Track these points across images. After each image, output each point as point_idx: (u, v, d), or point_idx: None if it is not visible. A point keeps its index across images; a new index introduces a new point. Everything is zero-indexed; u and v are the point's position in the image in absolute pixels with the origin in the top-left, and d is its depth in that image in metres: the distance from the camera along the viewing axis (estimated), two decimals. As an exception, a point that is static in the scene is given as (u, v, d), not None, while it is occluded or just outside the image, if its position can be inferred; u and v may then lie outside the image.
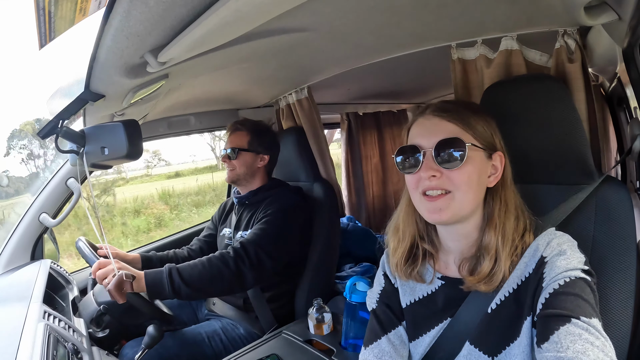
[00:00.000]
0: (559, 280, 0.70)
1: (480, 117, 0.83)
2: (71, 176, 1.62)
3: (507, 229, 0.80)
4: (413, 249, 0.92)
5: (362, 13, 1.06)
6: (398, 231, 0.94)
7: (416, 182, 0.82)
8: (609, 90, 1.80)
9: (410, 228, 0.92)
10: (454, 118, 0.80)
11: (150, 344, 1.20)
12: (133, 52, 0.84)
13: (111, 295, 1.19)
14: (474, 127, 0.81)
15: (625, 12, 0.83)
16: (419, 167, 0.80)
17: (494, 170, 0.83)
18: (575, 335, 0.62)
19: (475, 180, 0.79)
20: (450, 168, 0.78)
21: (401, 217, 0.94)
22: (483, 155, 0.81)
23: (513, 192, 0.85)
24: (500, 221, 0.80)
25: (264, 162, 1.74)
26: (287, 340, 1.43)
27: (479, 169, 0.80)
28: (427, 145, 0.80)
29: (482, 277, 0.79)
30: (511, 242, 0.79)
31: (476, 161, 0.79)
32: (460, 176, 0.78)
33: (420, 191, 0.81)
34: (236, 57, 1.24)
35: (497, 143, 0.84)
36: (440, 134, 0.79)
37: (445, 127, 0.80)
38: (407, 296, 0.95)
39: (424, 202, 0.81)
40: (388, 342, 0.93)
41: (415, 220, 0.92)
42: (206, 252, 1.85)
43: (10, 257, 1.56)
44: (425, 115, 0.84)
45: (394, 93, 2.78)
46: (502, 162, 0.83)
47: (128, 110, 1.35)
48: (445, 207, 0.78)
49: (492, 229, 0.80)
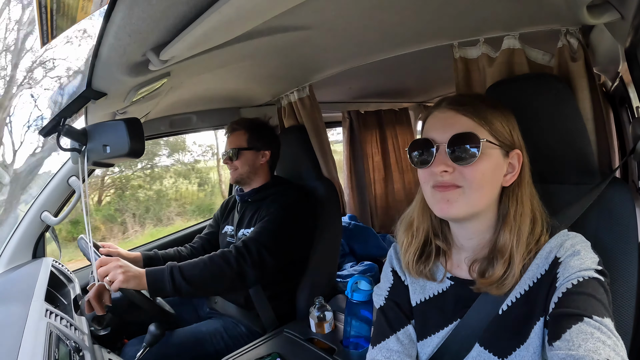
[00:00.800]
0: (572, 280, 0.70)
1: (499, 112, 0.80)
2: (73, 174, 1.62)
3: (523, 231, 0.78)
4: (426, 246, 0.90)
5: (364, 11, 1.06)
6: (412, 226, 0.92)
7: (427, 176, 0.80)
8: (611, 89, 1.80)
9: (425, 224, 0.90)
10: (470, 112, 0.78)
11: (151, 342, 1.20)
12: (135, 49, 0.84)
13: (92, 304, 1.19)
14: (491, 122, 0.78)
15: (628, 11, 0.83)
16: (432, 162, 0.78)
17: (511, 169, 0.80)
18: (587, 334, 0.62)
19: (488, 178, 0.77)
20: (463, 164, 0.76)
21: (416, 212, 0.92)
22: (499, 153, 0.78)
23: (531, 192, 0.82)
24: (515, 223, 0.78)
25: (266, 159, 1.74)
26: (288, 338, 1.43)
27: (494, 166, 0.77)
28: (441, 140, 0.77)
29: (494, 280, 0.77)
30: (526, 246, 0.77)
31: (491, 158, 0.77)
32: (473, 173, 0.76)
33: (431, 184, 0.79)
34: (238, 55, 1.24)
35: (516, 140, 0.81)
36: (455, 128, 0.77)
37: (460, 121, 0.78)
38: (417, 294, 0.93)
39: (434, 194, 0.79)
40: (397, 341, 0.90)
41: (430, 216, 0.90)
42: (208, 249, 1.85)
43: (12, 255, 1.56)
44: (440, 108, 0.81)
45: (396, 91, 2.79)
46: (520, 161, 0.80)
47: (130, 108, 1.35)
48: (454, 200, 0.76)
49: (507, 230, 0.78)
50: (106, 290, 1.23)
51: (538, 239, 0.79)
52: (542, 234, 0.79)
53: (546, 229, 0.80)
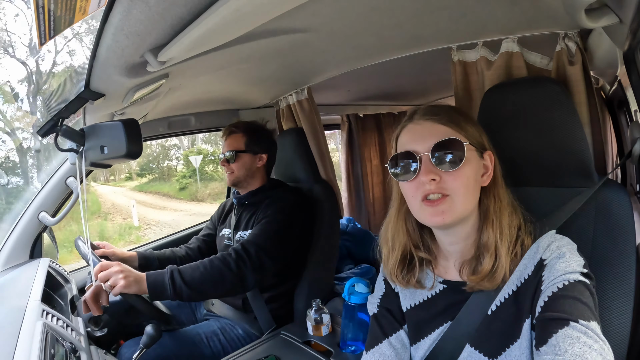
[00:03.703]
0: (557, 283, 0.70)
1: (469, 119, 0.84)
2: (71, 175, 1.62)
3: (504, 224, 0.80)
4: (407, 258, 0.91)
5: (363, 14, 1.06)
6: (388, 242, 0.94)
7: (415, 188, 0.80)
8: (610, 93, 1.80)
9: (401, 238, 0.91)
10: (446, 120, 0.80)
11: (148, 343, 1.20)
12: (133, 51, 0.85)
13: (88, 305, 1.18)
14: (465, 128, 0.81)
15: (626, 14, 0.83)
16: (417, 173, 0.79)
17: (486, 169, 0.83)
18: (574, 339, 0.62)
19: (472, 181, 0.79)
20: (449, 170, 0.77)
21: (390, 228, 0.94)
22: (477, 155, 0.81)
23: (504, 188, 0.85)
24: (496, 217, 0.80)
25: (263, 162, 1.74)
26: (285, 341, 1.43)
27: (475, 169, 0.80)
28: (423, 150, 0.79)
29: (485, 274, 0.79)
30: (509, 238, 0.79)
31: (472, 162, 0.79)
32: (458, 178, 0.77)
33: (421, 197, 0.79)
34: (236, 57, 1.24)
35: (486, 142, 0.85)
36: (435, 137, 0.78)
37: (439, 130, 0.80)
38: (407, 300, 0.95)
39: (425, 208, 0.79)
40: (389, 346, 0.93)
41: (406, 230, 0.91)
42: (204, 251, 1.85)
43: (9, 255, 1.56)
44: (414, 120, 0.84)
45: (395, 95, 2.79)
46: (492, 161, 0.84)
47: (128, 109, 1.35)
48: (447, 210, 0.77)
49: (489, 226, 0.80)
50: (103, 291, 1.22)
51: (518, 229, 0.81)
52: (522, 229, 0.82)
53: (524, 222, 0.83)
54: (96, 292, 1.21)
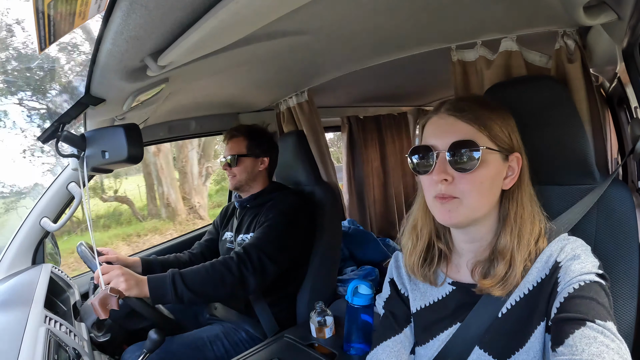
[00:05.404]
0: (573, 284, 0.70)
1: (498, 116, 0.80)
2: (72, 180, 1.62)
3: (524, 233, 0.78)
4: (430, 248, 0.91)
5: (362, 16, 1.06)
6: (416, 229, 0.92)
7: (429, 185, 0.80)
8: (609, 90, 1.80)
9: (428, 226, 0.91)
10: (469, 118, 0.77)
11: (151, 348, 1.20)
12: (133, 55, 0.85)
13: (94, 309, 1.18)
14: (490, 127, 0.77)
15: (625, 11, 0.83)
16: (432, 169, 0.78)
17: (511, 171, 0.80)
18: (591, 338, 0.62)
19: (487, 185, 0.77)
20: (463, 172, 0.76)
21: (419, 215, 0.92)
22: (499, 158, 0.78)
23: (530, 194, 0.82)
24: (516, 225, 0.78)
25: (265, 165, 1.75)
26: (289, 344, 1.42)
27: (494, 172, 0.77)
28: (441, 146, 0.77)
29: (497, 280, 0.77)
30: (527, 247, 0.77)
31: (491, 164, 0.77)
32: (471, 182, 0.76)
33: (433, 195, 0.79)
34: (236, 60, 1.24)
35: (515, 143, 0.81)
36: (454, 135, 0.76)
37: (460, 127, 0.77)
38: (417, 301, 0.94)
39: (436, 204, 0.79)
40: (386, 348, 0.94)
41: (432, 218, 0.89)
42: (207, 256, 1.85)
43: (11, 261, 1.56)
44: (439, 113, 0.81)
45: (395, 96, 2.79)
46: (519, 164, 0.80)
47: (129, 114, 1.35)
48: (454, 210, 0.77)
49: (507, 232, 0.79)
50: (111, 296, 1.22)
51: (537, 240, 0.79)
52: (541, 236, 0.79)
53: (545, 231, 0.80)
54: (105, 297, 1.21)
